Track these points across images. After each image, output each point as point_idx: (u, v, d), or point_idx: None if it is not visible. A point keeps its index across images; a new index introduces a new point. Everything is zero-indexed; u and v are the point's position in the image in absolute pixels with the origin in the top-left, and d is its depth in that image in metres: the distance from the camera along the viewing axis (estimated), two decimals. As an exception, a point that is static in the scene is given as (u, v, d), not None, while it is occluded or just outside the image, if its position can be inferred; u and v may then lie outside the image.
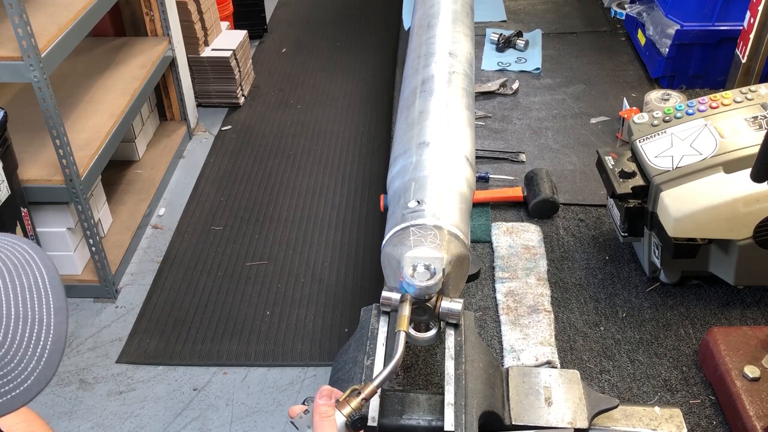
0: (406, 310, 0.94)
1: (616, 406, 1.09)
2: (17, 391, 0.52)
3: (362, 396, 0.87)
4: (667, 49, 2.13)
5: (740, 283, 1.40)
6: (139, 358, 2.52)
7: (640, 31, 2.39)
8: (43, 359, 0.54)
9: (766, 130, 1.29)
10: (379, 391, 0.95)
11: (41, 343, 0.54)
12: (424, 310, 0.98)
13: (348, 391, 0.88)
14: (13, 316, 0.53)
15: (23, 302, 0.55)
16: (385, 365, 0.90)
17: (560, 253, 1.59)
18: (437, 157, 1.17)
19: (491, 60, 2.42)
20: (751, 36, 1.87)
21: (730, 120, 1.37)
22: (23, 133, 2.64)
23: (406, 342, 0.93)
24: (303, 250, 2.97)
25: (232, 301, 2.73)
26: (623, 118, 1.95)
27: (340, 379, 1.02)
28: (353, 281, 2.82)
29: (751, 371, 1.18)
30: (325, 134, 3.74)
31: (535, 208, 1.68)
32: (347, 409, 0.86)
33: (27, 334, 0.53)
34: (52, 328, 0.55)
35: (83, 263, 2.77)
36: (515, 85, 2.25)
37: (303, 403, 0.91)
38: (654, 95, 1.90)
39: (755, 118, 1.35)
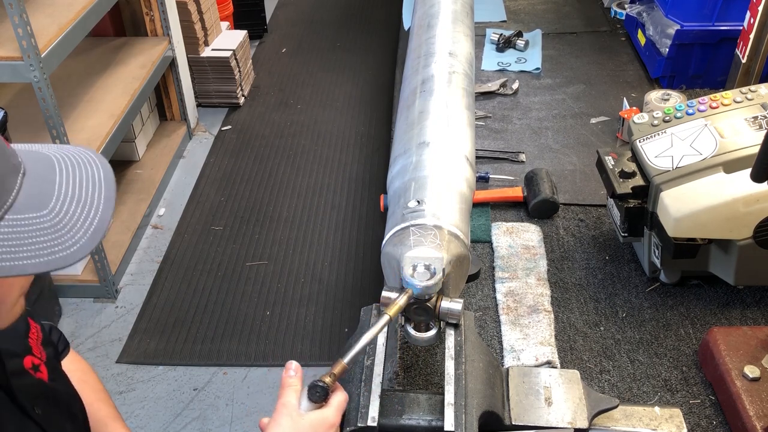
0: (401, 301, 0.94)
1: (616, 406, 1.09)
2: (64, 253, 0.67)
3: (331, 371, 0.88)
4: (667, 49, 2.13)
5: (740, 283, 1.40)
6: (139, 358, 2.52)
7: (640, 31, 2.39)
8: (88, 233, 0.69)
9: (766, 130, 1.29)
10: (378, 390, 0.96)
11: (88, 221, 0.69)
12: (424, 310, 0.98)
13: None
14: (69, 197, 0.69)
15: (80, 188, 0.71)
16: (359, 342, 0.90)
17: (560, 253, 1.59)
18: (437, 157, 1.17)
19: (491, 60, 2.42)
20: (751, 36, 1.87)
21: (730, 120, 1.37)
22: (23, 133, 2.64)
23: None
24: (303, 250, 2.97)
25: (232, 301, 2.73)
26: (623, 118, 1.95)
27: (339, 379, 1.02)
28: (353, 281, 2.82)
29: (751, 371, 1.18)
30: (325, 134, 3.74)
31: (535, 208, 1.68)
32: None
33: (78, 212, 0.69)
34: (99, 211, 0.71)
35: (83, 263, 2.77)
36: (515, 85, 2.25)
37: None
38: (654, 95, 1.90)
39: (755, 118, 1.35)
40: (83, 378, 1.14)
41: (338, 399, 0.89)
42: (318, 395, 0.87)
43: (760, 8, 1.81)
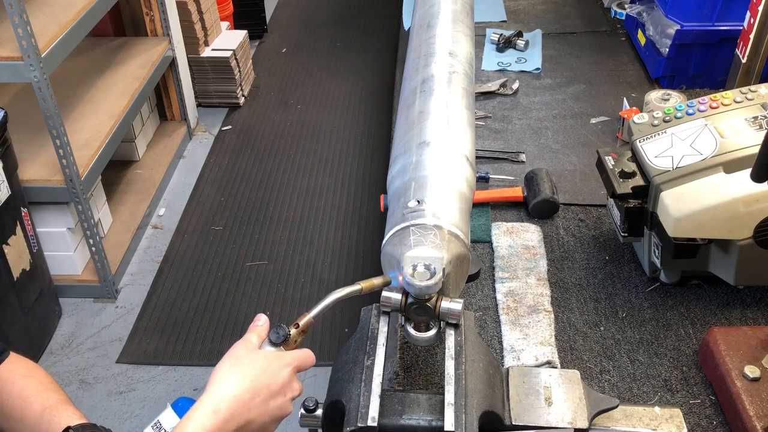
0: (377, 281, 1.00)
1: (616, 406, 1.09)
2: None
3: (297, 321, 0.95)
4: (667, 49, 2.13)
5: (740, 283, 1.40)
6: (139, 358, 2.52)
7: (640, 31, 2.39)
8: None
9: (766, 130, 1.28)
10: (378, 390, 0.95)
11: None
12: (424, 310, 0.98)
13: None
14: None
15: None
16: (326, 299, 1.00)
17: (560, 253, 1.59)
18: (437, 157, 1.17)
19: (491, 60, 2.42)
20: (751, 36, 1.87)
21: (730, 120, 1.37)
22: (23, 133, 2.64)
23: (354, 295, 1.01)
24: (303, 250, 2.98)
25: (232, 301, 2.73)
26: (623, 118, 1.95)
27: (340, 379, 1.02)
28: (353, 281, 2.82)
29: (751, 371, 1.18)
30: (325, 134, 3.75)
31: (535, 208, 1.68)
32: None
33: None
34: None
35: (83, 263, 2.77)
36: (515, 85, 2.25)
37: None
38: (654, 95, 1.90)
39: (755, 118, 1.35)
40: (28, 373, 1.07)
41: (301, 351, 0.92)
42: (278, 336, 0.91)
43: (760, 8, 1.81)
